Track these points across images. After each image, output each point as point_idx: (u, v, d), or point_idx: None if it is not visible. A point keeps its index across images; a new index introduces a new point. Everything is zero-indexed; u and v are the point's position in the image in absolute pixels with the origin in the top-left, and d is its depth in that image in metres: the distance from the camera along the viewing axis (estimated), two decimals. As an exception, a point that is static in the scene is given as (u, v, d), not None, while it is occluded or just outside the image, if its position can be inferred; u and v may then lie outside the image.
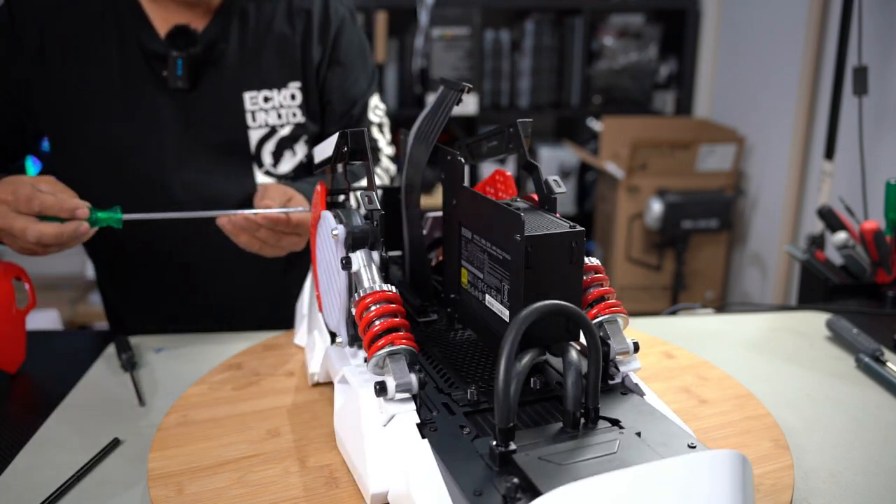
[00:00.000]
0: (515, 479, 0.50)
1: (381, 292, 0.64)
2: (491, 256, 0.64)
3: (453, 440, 0.57)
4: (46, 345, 0.96)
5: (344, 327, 0.70)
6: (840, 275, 1.21)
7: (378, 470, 0.57)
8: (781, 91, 2.32)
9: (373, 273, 0.66)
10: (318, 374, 0.79)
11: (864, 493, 0.63)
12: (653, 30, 2.86)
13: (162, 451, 0.67)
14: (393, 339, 0.61)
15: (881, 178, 1.24)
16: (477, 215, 0.66)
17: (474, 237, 0.67)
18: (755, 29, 2.50)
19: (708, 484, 0.45)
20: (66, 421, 0.76)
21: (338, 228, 0.67)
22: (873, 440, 0.72)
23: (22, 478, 0.66)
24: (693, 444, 0.55)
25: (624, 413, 0.60)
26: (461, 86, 0.73)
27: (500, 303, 0.63)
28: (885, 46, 1.87)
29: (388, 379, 0.60)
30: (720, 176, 2.52)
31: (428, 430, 0.58)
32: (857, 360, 0.88)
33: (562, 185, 0.69)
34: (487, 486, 0.51)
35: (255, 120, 1.08)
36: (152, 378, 0.85)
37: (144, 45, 1.02)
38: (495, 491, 0.50)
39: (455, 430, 0.58)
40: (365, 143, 0.70)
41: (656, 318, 1.06)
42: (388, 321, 0.62)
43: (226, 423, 0.73)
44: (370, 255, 0.67)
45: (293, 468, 0.64)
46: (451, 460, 0.54)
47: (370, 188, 0.71)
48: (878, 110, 1.87)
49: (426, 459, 0.55)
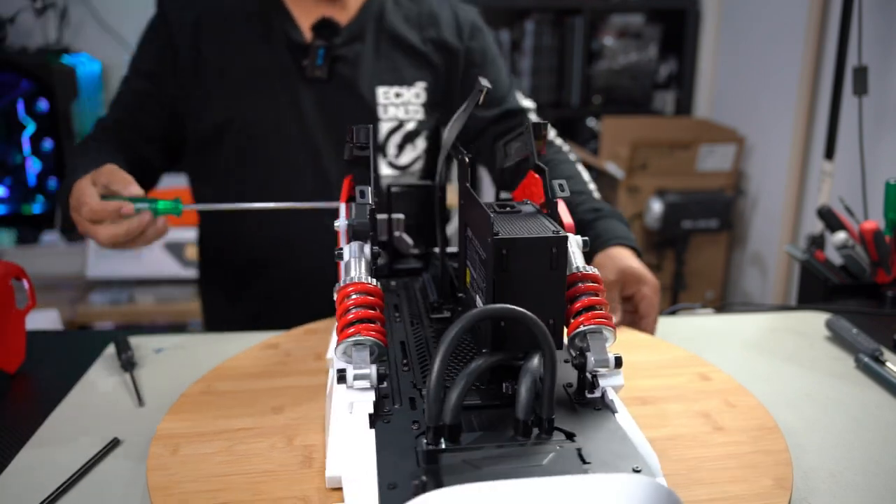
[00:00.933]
0: (425, 476, 0.50)
1: (362, 283, 0.64)
2: (480, 258, 0.64)
3: (399, 434, 0.56)
4: (46, 345, 0.96)
5: None
6: (840, 275, 1.21)
7: (336, 454, 0.59)
8: (781, 91, 2.32)
9: (360, 265, 0.67)
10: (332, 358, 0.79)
11: (864, 493, 0.63)
12: (653, 30, 2.86)
13: (176, 414, 0.72)
14: (361, 329, 0.61)
15: (881, 178, 1.24)
16: (474, 216, 0.67)
17: (472, 237, 0.67)
18: (755, 29, 2.50)
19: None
20: (66, 421, 0.76)
21: (338, 222, 0.69)
22: (873, 440, 0.72)
23: (22, 478, 0.66)
24: (638, 469, 0.52)
25: (584, 428, 0.57)
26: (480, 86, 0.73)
27: (483, 304, 0.63)
28: (885, 46, 1.87)
29: (348, 367, 0.60)
30: (720, 176, 2.52)
31: (381, 422, 0.58)
32: (857, 360, 0.88)
33: (565, 190, 0.69)
34: (404, 481, 0.50)
35: (385, 112, 1.16)
36: (152, 378, 0.85)
37: (289, 36, 1.12)
38: (408, 486, 0.50)
39: (407, 424, 0.58)
40: (370, 139, 0.73)
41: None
42: (362, 311, 0.62)
43: (240, 397, 0.76)
44: (361, 248, 0.68)
45: (279, 444, 0.67)
46: (386, 452, 0.54)
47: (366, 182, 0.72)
48: (878, 110, 1.87)
49: (366, 449, 0.55)
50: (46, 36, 2.60)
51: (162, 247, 2.44)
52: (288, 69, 1.13)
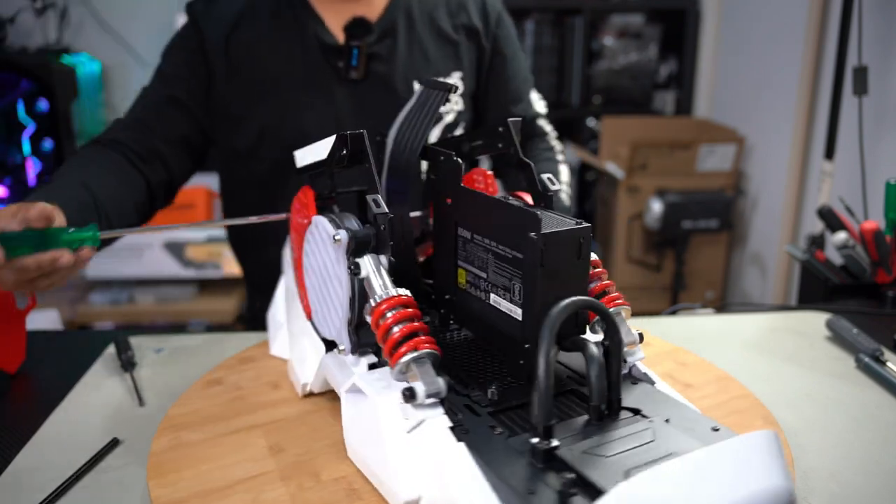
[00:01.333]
0: (569, 474, 0.49)
1: (395, 297, 0.62)
2: (497, 256, 0.64)
3: (487, 441, 0.56)
4: (46, 345, 0.96)
5: (346, 336, 0.69)
6: (840, 275, 1.21)
7: (407, 477, 0.56)
8: (781, 91, 2.32)
9: (384, 278, 0.64)
10: (311, 384, 0.76)
11: (864, 493, 0.63)
12: (653, 30, 2.86)
13: (161, 477, 0.63)
14: (416, 344, 0.60)
15: (881, 178, 1.24)
16: (479, 215, 0.66)
17: (475, 237, 0.67)
18: (755, 29, 2.50)
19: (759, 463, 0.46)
20: (66, 421, 0.76)
21: (340, 233, 0.65)
22: (873, 440, 0.72)
23: (22, 478, 0.66)
24: (717, 427, 0.56)
25: (641, 402, 0.61)
26: (448, 85, 0.73)
27: (509, 301, 0.63)
28: (885, 46, 1.87)
29: (416, 385, 0.58)
30: (720, 176, 2.52)
31: (459, 433, 0.57)
32: (857, 360, 0.88)
33: (556, 183, 0.71)
34: (538, 484, 0.50)
35: None
36: (152, 378, 0.85)
37: (322, 39, 1.11)
38: (547, 488, 0.49)
39: (486, 430, 0.58)
40: (366, 145, 0.69)
41: (656, 318, 1.06)
42: (407, 326, 0.61)
43: (222, 443, 0.68)
44: (378, 260, 0.66)
45: (308, 483, 0.62)
46: (492, 461, 0.53)
47: (374, 191, 0.69)
48: (878, 110, 1.87)
49: (466, 463, 0.53)
50: (46, 36, 2.60)
51: (162, 247, 2.44)
52: (323, 72, 1.12)
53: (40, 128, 2.47)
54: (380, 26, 1.13)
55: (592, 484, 0.48)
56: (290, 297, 0.88)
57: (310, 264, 0.73)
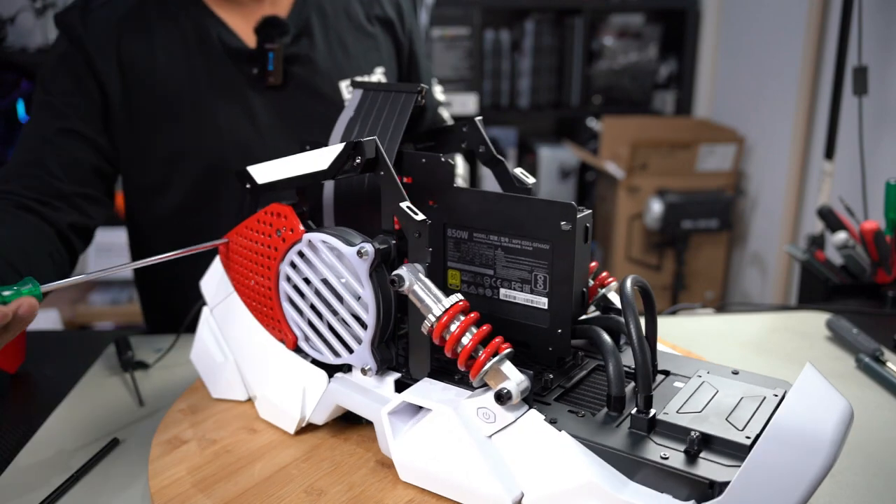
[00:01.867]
0: (693, 432, 0.53)
1: (455, 306, 0.60)
2: (510, 250, 0.65)
3: (580, 425, 0.57)
4: (46, 345, 0.96)
5: (370, 356, 0.65)
6: (840, 275, 1.21)
7: (506, 478, 0.56)
8: (781, 91, 2.32)
9: (431, 289, 0.61)
10: (311, 416, 0.69)
11: (864, 493, 0.63)
12: (653, 30, 2.86)
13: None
14: (494, 348, 0.59)
15: (881, 178, 1.24)
16: (483, 213, 0.66)
17: (474, 236, 0.67)
18: (755, 29, 2.50)
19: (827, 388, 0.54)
20: (66, 421, 0.76)
21: (365, 247, 0.61)
22: (873, 440, 0.72)
23: (22, 478, 0.66)
24: (736, 371, 0.64)
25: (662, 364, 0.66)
26: (418, 87, 0.70)
27: (529, 293, 0.66)
28: (885, 46, 1.86)
29: (508, 385, 0.57)
30: (720, 176, 2.52)
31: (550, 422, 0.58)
32: (857, 360, 0.88)
33: (530, 177, 0.72)
34: (660, 450, 0.53)
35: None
36: (152, 378, 0.85)
37: (227, 43, 0.98)
38: (671, 450, 0.53)
39: (568, 415, 0.59)
40: (381, 151, 0.63)
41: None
42: (477, 333, 0.59)
43: (250, 499, 0.60)
44: (416, 269, 0.61)
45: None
46: (603, 441, 0.55)
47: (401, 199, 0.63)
48: (878, 110, 1.87)
49: (576, 450, 0.54)
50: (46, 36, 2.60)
51: (162, 247, 2.44)
52: (234, 81, 0.99)
53: (40, 128, 2.47)
54: (294, 25, 1.01)
55: (713, 436, 0.53)
56: (236, 333, 0.76)
57: (301, 287, 0.67)
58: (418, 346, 0.64)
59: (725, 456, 0.52)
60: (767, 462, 0.48)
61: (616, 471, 0.54)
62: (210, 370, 0.77)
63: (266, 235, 0.68)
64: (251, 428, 0.72)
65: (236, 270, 0.74)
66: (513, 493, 0.56)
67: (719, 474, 0.50)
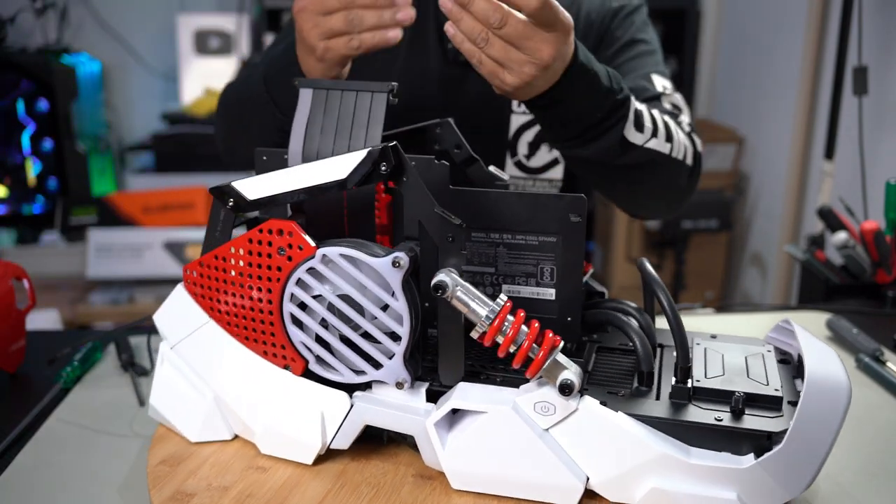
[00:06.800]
0: (737, 392, 0.57)
1: (503, 308, 0.58)
2: (513, 247, 0.66)
3: (628, 404, 0.59)
4: (46, 345, 0.96)
5: (404, 368, 0.62)
6: (840, 275, 1.21)
7: (572, 466, 0.59)
8: (781, 91, 2.32)
9: (475, 293, 0.59)
10: (334, 441, 0.65)
11: (864, 493, 0.63)
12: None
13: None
14: (549, 343, 0.58)
15: (881, 178, 1.24)
16: (481, 213, 0.66)
17: (472, 236, 0.67)
18: (755, 29, 2.50)
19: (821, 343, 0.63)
20: (66, 421, 0.76)
21: (400, 256, 0.59)
22: (873, 440, 0.72)
23: (22, 478, 0.66)
24: (714, 335, 0.70)
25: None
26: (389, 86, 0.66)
27: (535, 286, 0.67)
28: (885, 46, 1.86)
29: (568, 375, 0.57)
30: (720, 176, 2.52)
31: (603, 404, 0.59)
32: (857, 360, 0.88)
33: (504, 174, 0.74)
34: (714, 414, 0.57)
35: (519, 105, 1.02)
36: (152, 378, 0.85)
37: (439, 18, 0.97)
38: (721, 413, 0.57)
39: (609, 396, 0.61)
40: (405, 158, 0.61)
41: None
42: (531, 332, 0.59)
43: None
44: (454, 274, 0.59)
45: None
46: (659, 414, 0.58)
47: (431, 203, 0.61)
48: (878, 110, 1.87)
49: (637, 427, 0.57)
50: (46, 36, 2.60)
51: (162, 247, 2.44)
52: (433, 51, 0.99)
53: (40, 128, 2.47)
54: None
55: (753, 394, 0.58)
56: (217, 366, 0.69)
57: (312, 305, 0.63)
58: (451, 352, 0.62)
59: (765, 409, 0.57)
60: (811, 408, 0.54)
61: (676, 440, 0.57)
62: (183, 413, 0.70)
63: (265, 256, 0.63)
64: (258, 466, 0.65)
65: (215, 298, 0.67)
66: (581, 478, 0.59)
67: (773, 425, 0.56)
